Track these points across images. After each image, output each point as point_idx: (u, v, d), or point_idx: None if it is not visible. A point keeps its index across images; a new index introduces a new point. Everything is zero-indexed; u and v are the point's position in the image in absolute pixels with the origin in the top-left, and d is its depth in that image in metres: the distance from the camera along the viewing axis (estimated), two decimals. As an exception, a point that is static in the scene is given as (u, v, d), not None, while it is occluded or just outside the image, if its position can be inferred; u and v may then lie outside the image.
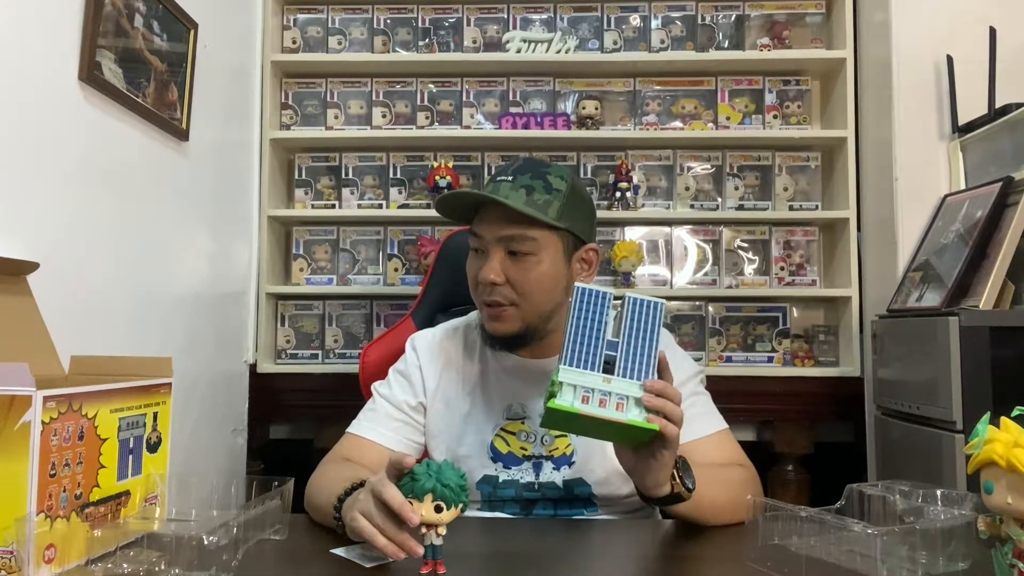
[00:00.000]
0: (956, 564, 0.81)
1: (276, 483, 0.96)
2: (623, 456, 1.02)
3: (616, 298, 0.98)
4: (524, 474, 1.21)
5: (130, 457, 0.93)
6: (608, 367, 0.95)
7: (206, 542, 0.78)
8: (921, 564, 0.80)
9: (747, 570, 0.85)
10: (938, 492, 0.93)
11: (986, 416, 0.72)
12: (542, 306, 1.20)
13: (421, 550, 0.84)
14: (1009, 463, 0.68)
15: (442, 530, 0.85)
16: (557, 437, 1.22)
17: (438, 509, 0.84)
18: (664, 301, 0.99)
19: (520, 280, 1.18)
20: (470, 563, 0.94)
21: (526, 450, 1.22)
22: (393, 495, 0.85)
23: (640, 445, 0.98)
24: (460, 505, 0.85)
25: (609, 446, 1.16)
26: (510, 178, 1.18)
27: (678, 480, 1.01)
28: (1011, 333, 1.53)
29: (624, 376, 0.95)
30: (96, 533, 0.84)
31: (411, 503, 0.84)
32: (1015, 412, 0.71)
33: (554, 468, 1.20)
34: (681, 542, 1.06)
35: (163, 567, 0.79)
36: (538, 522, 1.16)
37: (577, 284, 0.99)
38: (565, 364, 0.95)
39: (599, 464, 1.19)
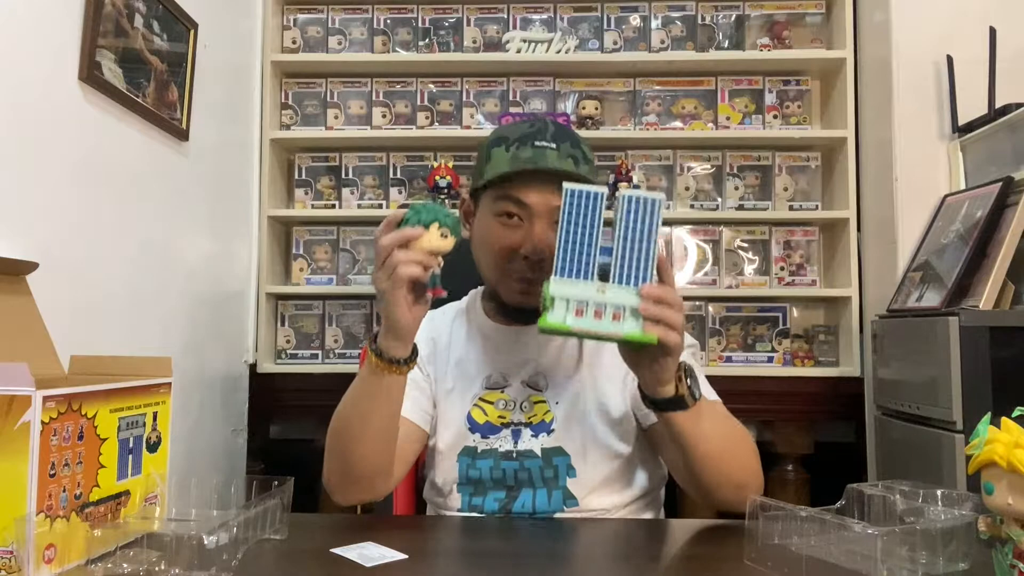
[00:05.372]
0: (956, 564, 0.81)
1: (276, 483, 0.95)
2: (624, 352, 0.99)
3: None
4: (502, 442, 1.17)
5: (130, 457, 0.93)
6: (604, 274, 0.90)
7: (206, 542, 0.78)
8: (921, 564, 0.79)
9: (747, 570, 0.85)
10: (938, 492, 0.92)
11: (986, 416, 0.72)
12: None
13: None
14: (1010, 464, 0.68)
15: (440, 260, 0.96)
16: (536, 403, 1.18)
17: (443, 236, 0.94)
18: (662, 196, 0.92)
19: None
20: (462, 563, 0.94)
21: (504, 418, 1.18)
22: (394, 231, 0.95)
23: (644, 350, 0.94)
24: (459, 237, 0.96)
25: (589, 416, 1.16)
26: (553, 145, 1.12)
27: (684, 383, 0.98)
28: (1011, 333, 1.53)
29: (620, 283, 0.90)
30: (96, 533, 0.84)
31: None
32: (1015, 412, 0.71)
33: (532, 435, 1.17)
34: (681, 542, 1.06)
35: (163, 567, 0.79)
36: (533, 521, 1.15)
37: (565, 184, 0.93)
38: (556, 275, 0.91)
39: (579, 434, 1.16)
